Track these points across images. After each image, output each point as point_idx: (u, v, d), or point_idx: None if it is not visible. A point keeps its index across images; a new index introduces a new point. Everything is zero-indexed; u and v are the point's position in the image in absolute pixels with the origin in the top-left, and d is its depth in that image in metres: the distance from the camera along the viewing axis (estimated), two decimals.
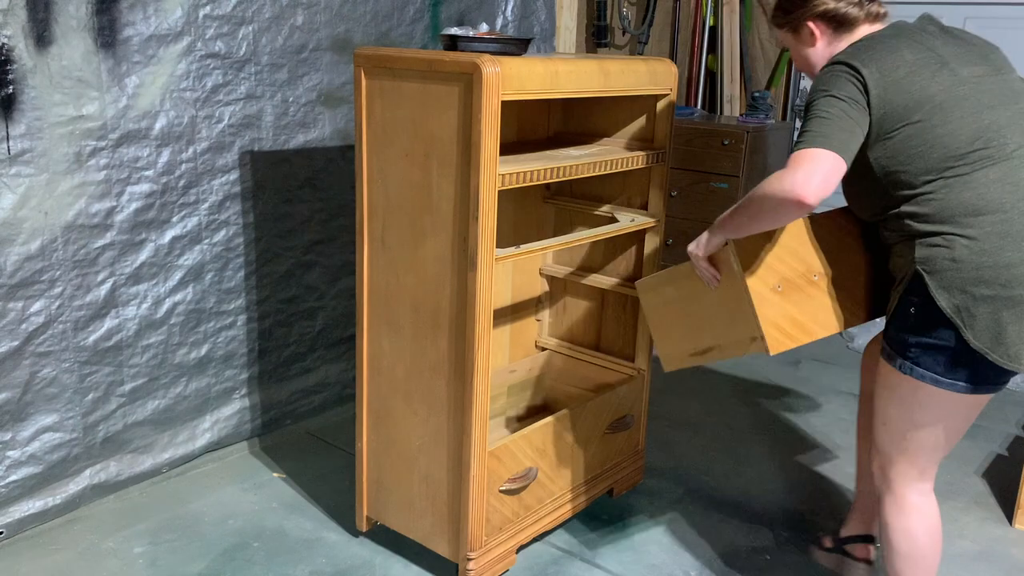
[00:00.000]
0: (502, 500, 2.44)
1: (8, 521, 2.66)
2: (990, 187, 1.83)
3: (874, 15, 2.06)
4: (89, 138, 2.63)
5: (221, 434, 3.21)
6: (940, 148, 1.84)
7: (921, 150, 1.85)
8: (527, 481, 2.51)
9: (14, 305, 2.56)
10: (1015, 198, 1.83)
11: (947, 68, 1.91)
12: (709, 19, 5.07)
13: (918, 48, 1.93)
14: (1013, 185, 1.83)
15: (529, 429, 2.50)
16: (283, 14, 3.07)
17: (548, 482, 2.61)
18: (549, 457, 2.58)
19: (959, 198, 1.83)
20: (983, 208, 1.82)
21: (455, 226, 2.22)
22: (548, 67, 2.25)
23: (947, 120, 1.85)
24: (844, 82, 1.86)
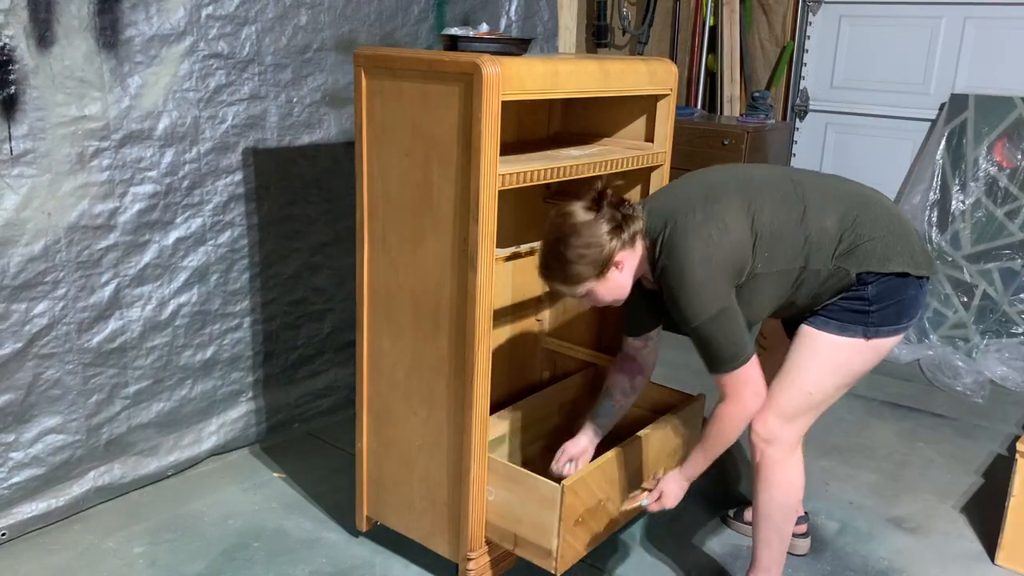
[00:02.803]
0: (575, 534, 2.35)
1: (11, 523, 2.66)
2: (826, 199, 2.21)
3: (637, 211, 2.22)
4: (92, 138, 2.64)
5: (227, 437, 3.21)
6: (784, 221, 2.16)
7: (780, 234, 2.15)
8: (596, 512, 2.46)
9: (17, 307, 2.57)
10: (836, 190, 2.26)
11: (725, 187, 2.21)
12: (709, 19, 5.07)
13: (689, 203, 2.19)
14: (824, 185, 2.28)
15: (603, 459, 2.43)
16: (287, 14, 3.08)
17: (615, 511, 2.52)
18: (618, 486, 2.52)
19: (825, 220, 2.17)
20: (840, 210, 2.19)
21: (455, 226, 2.23)
22: (548, 67, 2.26)
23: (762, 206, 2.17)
24: (708, 294, 2.09)
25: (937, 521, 2.96)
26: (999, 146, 4.30)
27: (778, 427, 2.26)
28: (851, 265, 2.15)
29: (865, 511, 3.01)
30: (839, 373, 2.23)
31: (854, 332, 2.19)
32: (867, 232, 2.17)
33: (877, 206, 2.23)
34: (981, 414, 3.80)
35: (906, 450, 3.46)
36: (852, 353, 2.21)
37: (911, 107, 4.65)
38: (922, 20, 4.55)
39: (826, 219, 2.17)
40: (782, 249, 2.15)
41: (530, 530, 2.34)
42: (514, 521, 2.37)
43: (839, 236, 2.16)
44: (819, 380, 2.23)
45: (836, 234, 2.16)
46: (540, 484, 2.30)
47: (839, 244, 2.16)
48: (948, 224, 4.38)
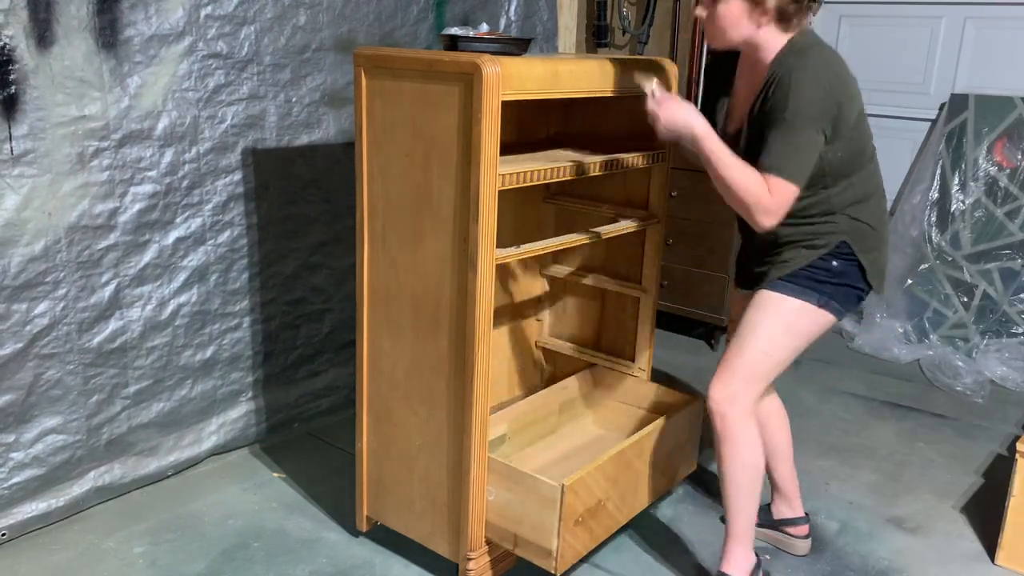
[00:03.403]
0: (575, 534, 2.37)
1: (11, 523, 2.66)
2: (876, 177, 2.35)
3: (803, 27, 2.23)
4: (92, 138, 2.64)
5: (227, 437, 3.21)
6: (865, 150, 2.29)
7: (857, 150, 2.25)
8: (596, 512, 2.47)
9: (18, 307, 2.57)
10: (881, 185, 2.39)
11: None
12: None
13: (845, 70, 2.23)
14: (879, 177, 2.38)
15: (603, 459, 2.44)
16: (285, 14, 3.08)
17: (615, 511, 2.55)
18: (619, 486, 2.53)
19: (867, 185, 2.30)
20: (873, 191, 2.33)
21: (455, 226, 2.23)
22: (548, 67, 2.26)
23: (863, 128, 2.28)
24: (825, 115, 2.12)
25: (937, 521, 2.96)
26: (999, 146, 4.29)
27: (739, 389, 2.32)
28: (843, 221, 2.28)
29: (865, 511, 3.01)
30: (791, 334, 2.31)
31: (809, 297, 2.28)
32: (872, 219, 2.32)
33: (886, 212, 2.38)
34: (981, 414, 3.80)
35: (906, 450, 3.46)
36: (804, 315, 2.30)
37: (911, 107, 4.64)
38: (922, 20, 4.55)
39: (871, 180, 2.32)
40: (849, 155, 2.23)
41: (530, 530, 2.35)
42: (514, 521, 2.38)
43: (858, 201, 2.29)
44: (774, 339, 2.30)
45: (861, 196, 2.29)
46: (540, 484, 2.30)
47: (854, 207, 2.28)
48: (948, 224, 4.38)
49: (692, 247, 4.36)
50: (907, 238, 4.49)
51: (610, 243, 2.94)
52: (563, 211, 3.05)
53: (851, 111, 2.18)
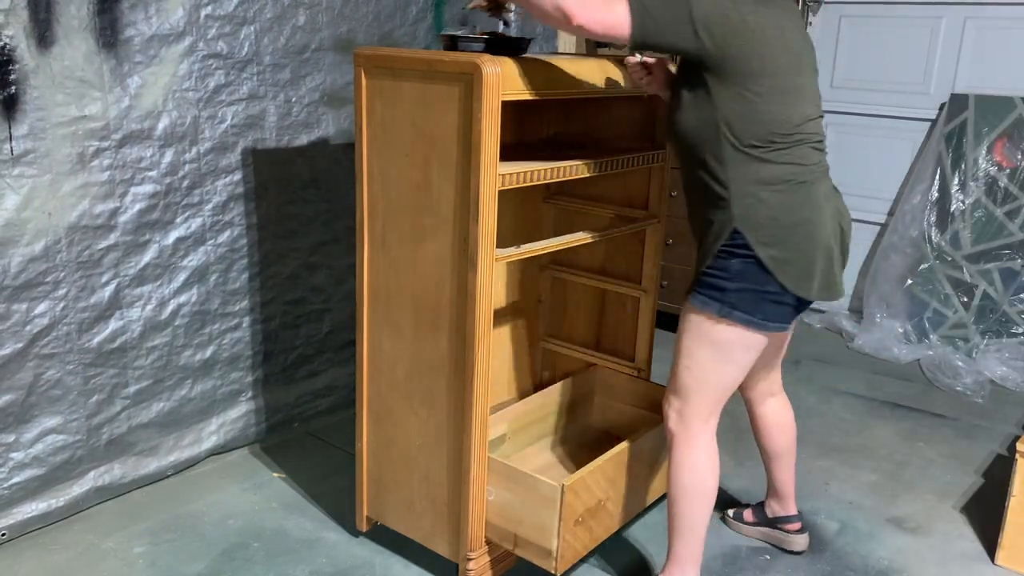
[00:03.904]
0: (575, 534, 2.35)
1: (11, 523, 2.66)
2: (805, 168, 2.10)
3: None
4: (92, 138, 2.64)
5: (227, 437, 3.22)
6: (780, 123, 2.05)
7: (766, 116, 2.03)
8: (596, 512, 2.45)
9: (18, 307, 2.57)
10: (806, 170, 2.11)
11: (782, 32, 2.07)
12: None
13: None
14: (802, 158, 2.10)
15: (603, 459, 2.42)
16: (285, 14, 3.08)
17: (615, 511, 2.55)
18: (618, 486, 2.53)
19: (787, 170, 2.07)
20: (796, 179, 2.08)
21: (455, 226, 2.23)
22: (548, 67, 2.26)
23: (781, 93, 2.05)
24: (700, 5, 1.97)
25: (937, 521, 2.96)
26: (999, 146, 4.30)
27: (675, 403, 2.29)
28: (736, 204, 2.07)
29: (865, 511, 3.01)
30: (705, 346, 2.19)
31: (709, 307, 2.14)
32: (779, 208, 2.07)
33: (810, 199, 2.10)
34: (981, 414, 3.80)
35: (906, 450, 3.46)
36: (710, 327, 2.16)
37: (911, 107, 4.65)
38: (922, 20, 4.55)
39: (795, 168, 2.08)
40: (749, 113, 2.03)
41: (530, 530, 2.34)
42: (514, 521, 2.38)
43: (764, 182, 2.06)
44: (691, 353, 2.22)
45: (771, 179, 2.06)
46: (540, 484, 2.30)
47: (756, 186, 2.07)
48: (948, 224, 4.38)
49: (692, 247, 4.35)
50: (907, 238, 4.49)
51: (610, 243, 2.94)
52: (563, 211, 3.06)
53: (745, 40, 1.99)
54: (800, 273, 2.09)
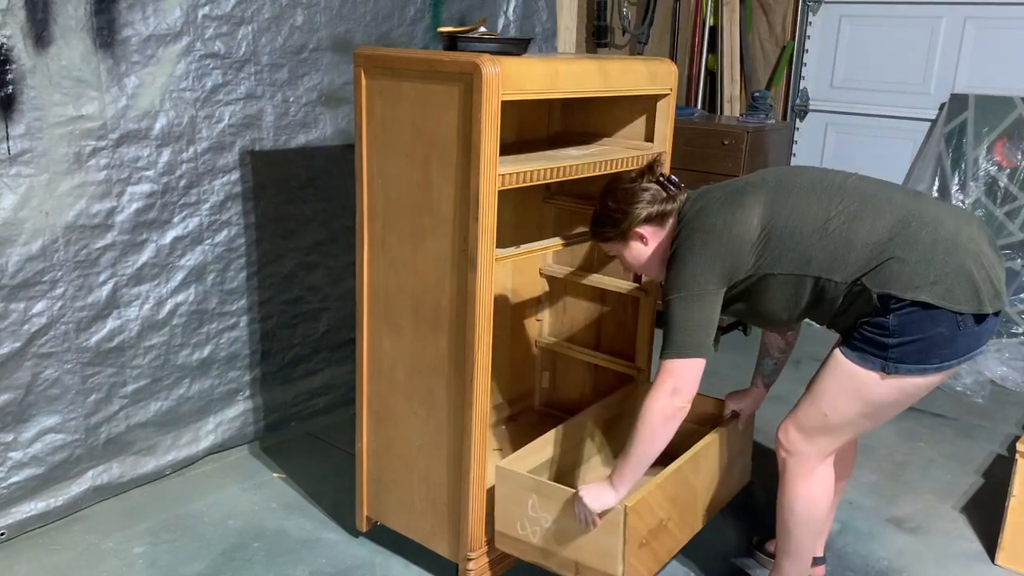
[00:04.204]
0: (640, 557, 2.25)
1: (10, 522, 2.66)
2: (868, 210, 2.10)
3: (682, 200, 2.31)
4: (89, 138, 2.63)
5: (225, 436, 3.21)
6: (802, 215, 2.11)
7: (790, 230, 2.11)
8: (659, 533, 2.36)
9: (16, 306, 2.56)
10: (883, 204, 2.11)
11: (751, 184, 2.22)
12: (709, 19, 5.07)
13: (719, 200, 2.21)
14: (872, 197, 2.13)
15: (662, 477, 2.32)
16: (283, 14, 3.07)
17: (676, 531, 2.44)
18: (679, 505, 2.42)
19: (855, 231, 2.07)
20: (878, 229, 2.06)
21: (455, 226, 2.22)
22: (548, 67, 2.25)
23: (785, 200, 2.15)
24: (686, 276, 2.14)
25: (937, 521, 2.96)
26: (999, 146, 4.29)
27: (797, 440, 2.23)
28: (872, 284, 2.02)
29: (865, 511, 3.00)
30: (856, 400, 2.13)
31: (872, 364, 2.07)
32: (899, 252, 2.02)
33: (926, 226, 2.05)
34: (981, 414, 3.80)
35: (906, 450, 3.46)
36: (870, 384, 2.09)
37: (911, 107, 4.64)
38: (922, 20, 4.55)
39: (857, 230, 2.06)
40: (793, 252, 2.10)
41: (592, 556, 2.24)
42: (574, 548, 2.27)
43: (867, 251, 2.04)
44: (835, 403, 2.15)
45: (864, 248, 2.04)
46: None
47: (866, 260, 2.04)
48: None
49: None
50: None
51: None
52: (563, 211, 3.05)
53: (736, 256, 2.13)
54: (966, 293, 2.00)
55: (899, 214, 2.07)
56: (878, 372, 2.07)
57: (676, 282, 2.15)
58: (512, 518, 2.36)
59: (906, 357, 2.04)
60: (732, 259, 2.12)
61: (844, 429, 2.20)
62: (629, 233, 2.32)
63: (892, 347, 2.03)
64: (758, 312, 2.22)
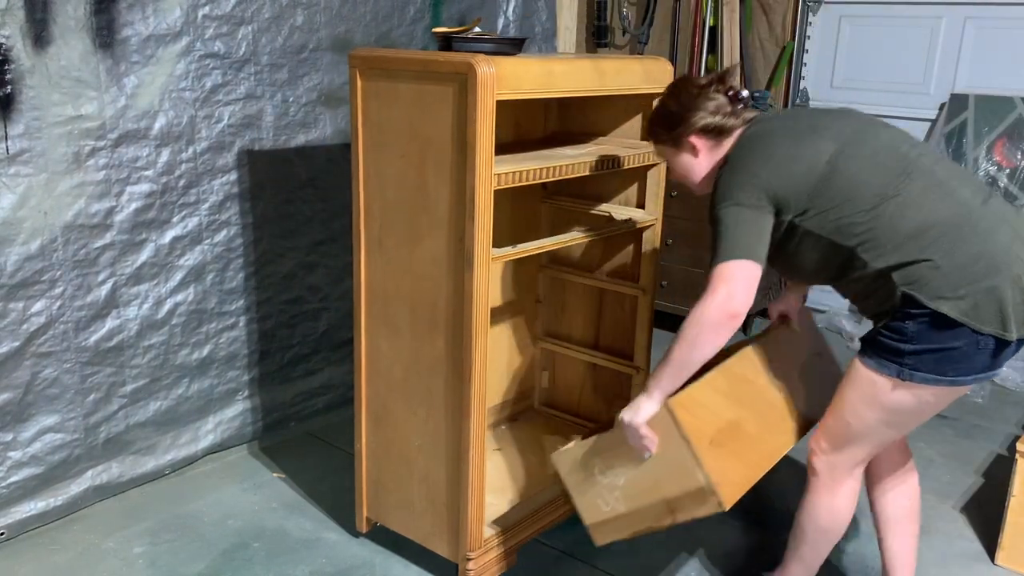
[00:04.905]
0: (721, 458, 2.08)
1: (9, 522, 2.66)
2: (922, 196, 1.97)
3: (747, 120, 2.18)
4: (88, 138, 2.64)
5: (224, 436, 3.21)
6: (861, 185, 1.98)
7: (845, 195, 1.98)
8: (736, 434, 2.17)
9: (15, 305, 2.57)
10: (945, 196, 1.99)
11: (820, 128, 2.07)
12: (709, 19, 5.07)
13: (785, 125, 2.11)
14: (937, 186, 1.99)
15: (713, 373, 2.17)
16: (283, 14, 3.08)
17: (764, 434, 2.25)
18: (752, 407, 2.24)
19: (904, 217, 1.96)
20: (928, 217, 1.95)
21: (452, 226, 2.22)
22: (543, 67, 2.25)
23: (851, 160, 2.00)
24: (736, 188, 2.00)
25: (937, 521, 2.95)
26: (999, 146, 4.29)
27: (827, 449, 2.18)
28: (900, 280, 1.94)
29: (865, 511, 2.99)
30: (875, 407, 2.07)
31: (888, 370, 2.01)
32: (937, 255, 1.92)
33: (978, 235, 1.94)
34: (981, 414, 3.79)
35: None
36: (886, 390, 2.03)
37: (911, 107, 4.64)
38: (922, 20, 4.54)
39: (908, 217, 1.95)
40: (839, 218, 1.98)
41: (673, 482, 2.07)
42: (656, 488, 2.10)
43: (909, 243, 1.94)
44: (856, 411, 2.10)
45: (906, 240, 1.94)
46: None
47: (904, 252, 1.94)
48: None
49: (692, 247, 4.35)
50: None
51: (608, 242, 2.93)
52: (560, 210, 3.05)
53: (792, 178, 2.00)
54: (992, 313, 1.91)
55: (956, 213, 1.96)
56: (894, 378, 2.01)
57: (727, 192, 2.01)
58: (592, 500, 2.23)
59: (921, 365, 1.97)
60: (785, 192, 1.99)
61: (868, 438, 2.14)
62: (682, 141, 2.18)
63: (908, 354, 1.97)
64: (792, 265, 2.12)
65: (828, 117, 2.12)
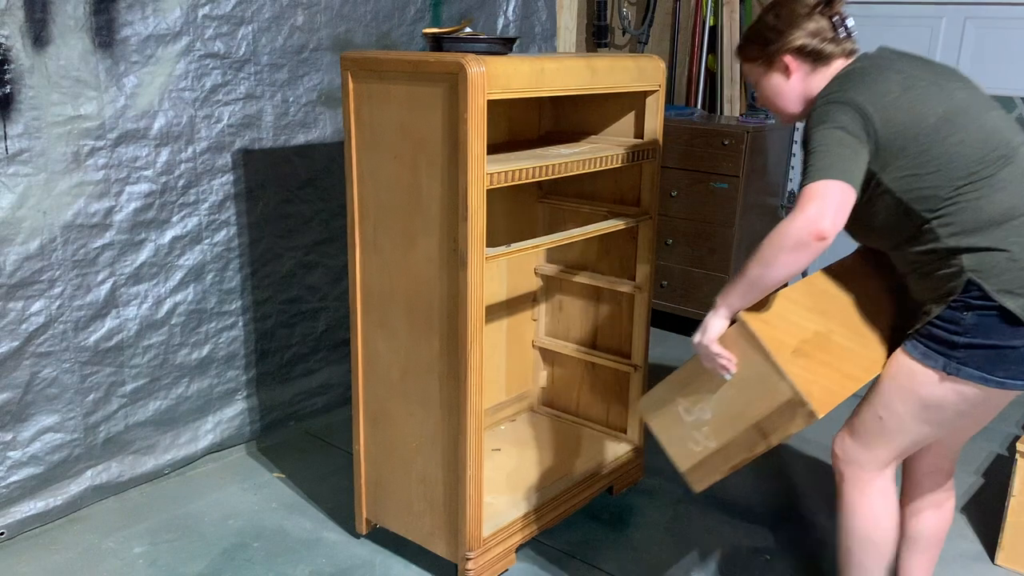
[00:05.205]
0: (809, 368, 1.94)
1: (9, 522, 2.66)
2: (1016, 183, 1.86)
3: (849, 51, 2.04)
4: (87, 138, 2.64)
5: (224, 435, 3.22)
6: (959, 157, 1.85)
7: (939, 163, 1.85)
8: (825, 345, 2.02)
9: (14, 305, 2.57)
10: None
11: (935, 84, 1.93)
12: (709, 19, 5.07)
13: (899, 71, 1.94)
14: None
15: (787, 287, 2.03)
16: (283, 14, 3.08)
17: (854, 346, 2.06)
18: (838, 317, 2.08)
19: (991, 200, 1.85)
20: (1018, 205, 1.85)
21: (445, 226, 2.23)
22: (534, 65, 2.26)
23: (957, 129, 1.86)
24: (841, 114, 1.86)
25: None
26: None
27: (852, 447, 2.08)
28: (969, 263, 1.84)
29: None
30: (913, 401, 1.96)
31: (934, 362, 1.90)
32: (1016, 247, 1.82)
33: None
34: None
35: None
36: (928, 384, 1.92)
37: None
38: (922, 20, 4.54)
39: (994, 201, 1.84)
40: (927, 186, 1.86)
41: (759, 400, 1.94)
42: (744, 412, 1.98)
43: (989, 228, 1.84)
44: (891, 404, 2.00)
45: (987, 224, 1.84)
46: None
47: (981, 236, 1.84)
48: None
49: (692, 247, 4.36)
50: None
51: (604, 241, 2.94)
52: (557, 210, 3.05)
53: (888, 101, 1.86)
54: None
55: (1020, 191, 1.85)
56: (939, 371, 1.90)
57: (828, 115, 1.86)
58: (683, 444, 2.11)
59: (971, 361, 1.86)
60: (886, 135, 1.85)
61: (900, 435, 2.02)
62: (776, 59, 2.04)
63: (961, 346, 1.86)
64: (857, 218, 1.89)
65: (943, 76, 1.96)
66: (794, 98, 2.07)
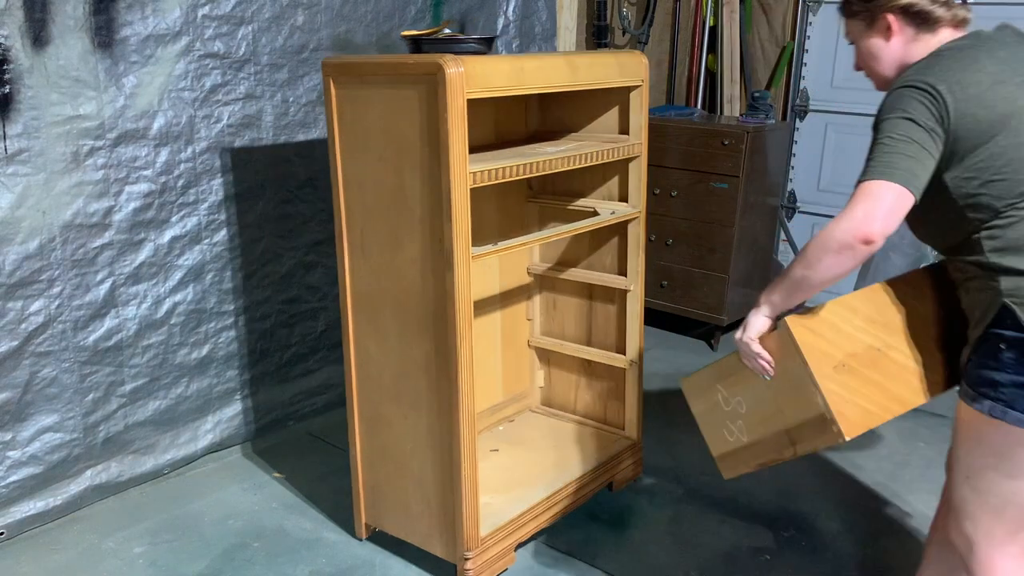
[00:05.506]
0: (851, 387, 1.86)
1: (9, 522, 2.67)
2: None
3: (959, 20, 1.87)
4: (86, 137, 2.64)
5: (223, 435, 3.22)
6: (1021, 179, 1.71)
7: (1007, 170, 1.70)
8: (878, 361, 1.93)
9: (13, 305, 2.57)
10: None
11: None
12: (709, 19, 5.07)
13: (999, 59, 1.77)
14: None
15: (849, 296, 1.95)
16: (283, 14, 3.08)
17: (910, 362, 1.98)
18: (900, 331, 1.96)
19: None
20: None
21: (430, 227, 2.23)
22: (513, 64, 2.26)
23: None
24: (917, 103, 1.71)
25: None
26: None
27: (961, 533, 1.88)
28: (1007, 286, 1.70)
29: (865, 511, 2.99)
30: (983, 454, 1.78)
31: (982, 406, 1.74)
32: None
33: None
34: None
35: (906, 450, 3.45)
36: (985, 430, 1.76)
37: None
38: None
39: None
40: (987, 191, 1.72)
41: (792, 406, 1.89)
42: (777, 414, 1.93)
43: None
44: (970, 464, 1.82)
45: None
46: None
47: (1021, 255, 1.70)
48: None
49: (692, 247, 4.35)
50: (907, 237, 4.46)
51: (595, 239, 2.94)
52: (546, 209, 3.05)
53: (971, 94, 1.70)
54: None
55: None
56: (985, 415, 1.74)
57: (898, 103, 1.72)
58: (717, 430, 2.11)
59: (1017, 402, 1.68)
60: (962, 127, 1.70)
61: (995, 497, 1.79)
62: (878, 17, 1.86)
63: (1003, 385, 1.70)
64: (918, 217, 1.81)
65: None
66: (891, 63, 1.90)
